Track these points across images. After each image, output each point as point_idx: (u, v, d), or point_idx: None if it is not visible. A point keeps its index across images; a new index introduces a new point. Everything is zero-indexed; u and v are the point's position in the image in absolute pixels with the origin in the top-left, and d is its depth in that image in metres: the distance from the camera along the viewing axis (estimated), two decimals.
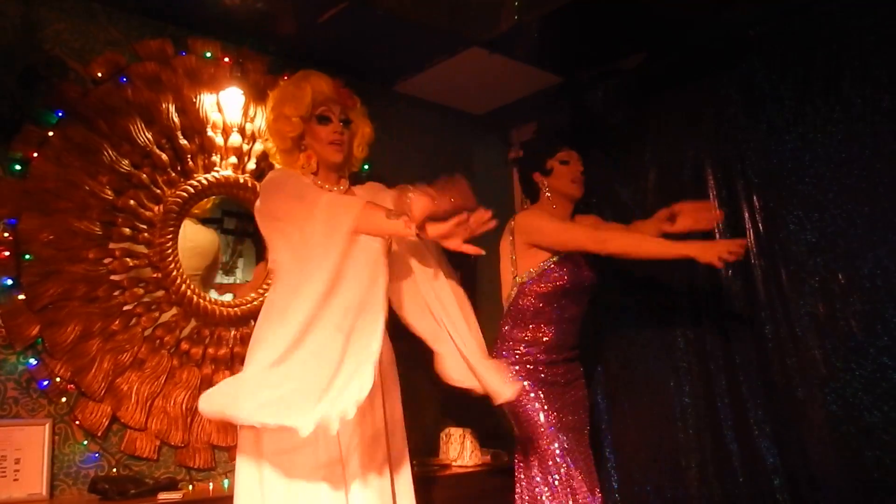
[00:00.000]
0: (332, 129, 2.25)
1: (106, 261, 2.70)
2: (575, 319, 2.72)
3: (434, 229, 1.91)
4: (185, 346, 2.82)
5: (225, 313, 2.92)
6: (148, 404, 2.71)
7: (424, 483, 2.94)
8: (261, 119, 3.06)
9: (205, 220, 3.07)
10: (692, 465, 2.91)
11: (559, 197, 2.77)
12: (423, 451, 3.45)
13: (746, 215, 2.85)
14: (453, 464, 3.24)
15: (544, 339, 2.64)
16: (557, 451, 2.53)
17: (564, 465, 2.51)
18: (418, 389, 3.52)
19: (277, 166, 2.65)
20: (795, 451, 2.67)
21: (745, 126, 2.92)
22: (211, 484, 2.73)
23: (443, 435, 3.34)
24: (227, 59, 3.03)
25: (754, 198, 2.85)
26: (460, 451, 3.26)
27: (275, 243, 2.08)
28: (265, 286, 2.97)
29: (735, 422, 2.82)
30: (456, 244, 1.92)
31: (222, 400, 1.86)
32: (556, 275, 2.63)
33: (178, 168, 2.89)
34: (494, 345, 2.67)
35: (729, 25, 2.98)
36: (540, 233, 2.65)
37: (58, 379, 2.55)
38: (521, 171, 2.91)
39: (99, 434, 2.61)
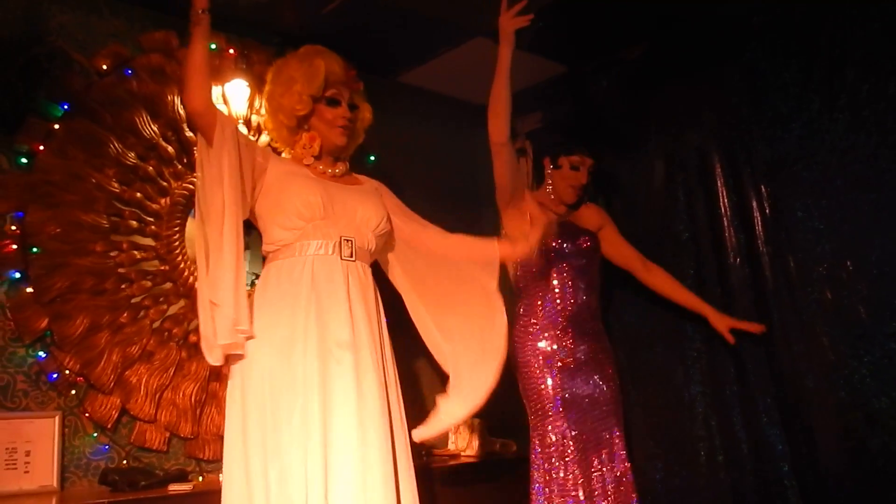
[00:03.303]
0: (341, 112, 2.26)
1: (113, 253, 2.70)
2: (581, 290, 2.69)
3: None
4: (193, 338, 2.81)
5: None
6: (157, 396, 2.71)
7: (433, 473, 2.95)
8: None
9: None
10: (700, 454, 2.91)
11: (554, 191, 2.81)
12: (432, 441, 3.46)
13: (754, 203, 2.85)
14: (462, 454, 3.25)
15: (547, 308, 2.65)
16: (556, 440, 2.54)
17: (562, 458, 2.52)
18: (426, 378, 3.54)
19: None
20: (803, 438, 2.68)
21: (749, 114, 2.91)
22: (221, 475, 2.73)
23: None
24: (231, 51, 3.02)
25: (761, 186, 2.85)
26: (469, 440, 3.27)
27: None
28: None
29: (743, 409, 2.83)
30: None
31: None
32: (549, 240, 2.64)
33: (185, 160, 2.88)
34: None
35: (731, 14, 2.97)
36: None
37: (67, 371, 2.56)
38: (535, 149, 2.92)
39: (108, 426, 2.62)
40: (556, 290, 2.67)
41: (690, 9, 3.00)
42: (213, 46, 2.99)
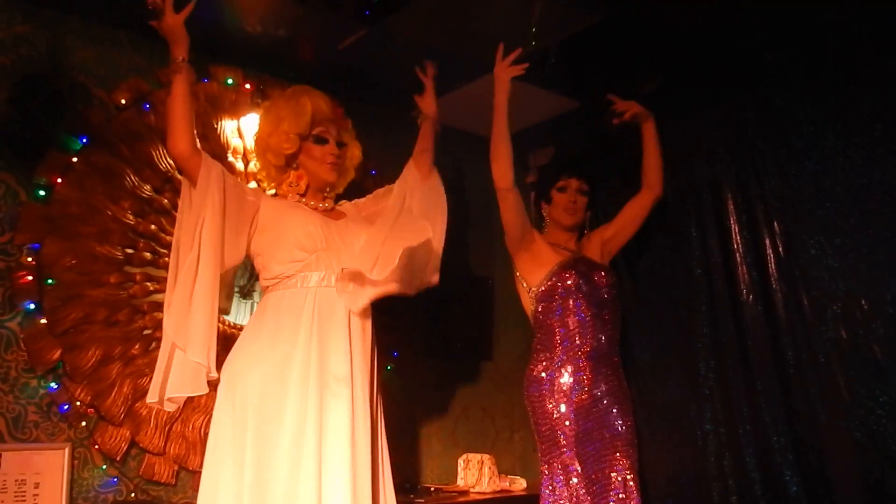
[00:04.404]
0: (329, 150, 2.30)
1: (127, 285, 2.73)
2: (598, 328, 2.66)
3: None
4: None
5: None
6: (166, 429, 2.72)
7: None
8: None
9: None
10: (713, 494, 2.86)
11: (554, 225, 2.81)
12: (441, 478, 3.44)
13: (767, 241, 2.84)
14: (471, 490, 3.22)
15: (564, 345, 2.63)
16: (565, 475, 2.52)
17: (571, 496, 2.50)
18: (435, 414, 3.53)
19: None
20: (818, 479, 2.63)
21: (763, 150, 2.91)
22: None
23: (461, 461, 3.32)
24: (248, 86, 3.07)
25: (774, 223, 2.84)
26: (478, 477, 3.24)
27: None
28: None
29: (757, 449, 2.78)
30: None
31: None
32: (564, 277, 2.66)
33: None
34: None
35: (745, 49, 2.99)
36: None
37: (78, 403, 2.57)
38: (535, 200, 2.95)
39: (118, 458, 2.62)
40: (574, 328, 2.63)
41: (704, 44, 3.02)
42: (231, 81, 3.04)
